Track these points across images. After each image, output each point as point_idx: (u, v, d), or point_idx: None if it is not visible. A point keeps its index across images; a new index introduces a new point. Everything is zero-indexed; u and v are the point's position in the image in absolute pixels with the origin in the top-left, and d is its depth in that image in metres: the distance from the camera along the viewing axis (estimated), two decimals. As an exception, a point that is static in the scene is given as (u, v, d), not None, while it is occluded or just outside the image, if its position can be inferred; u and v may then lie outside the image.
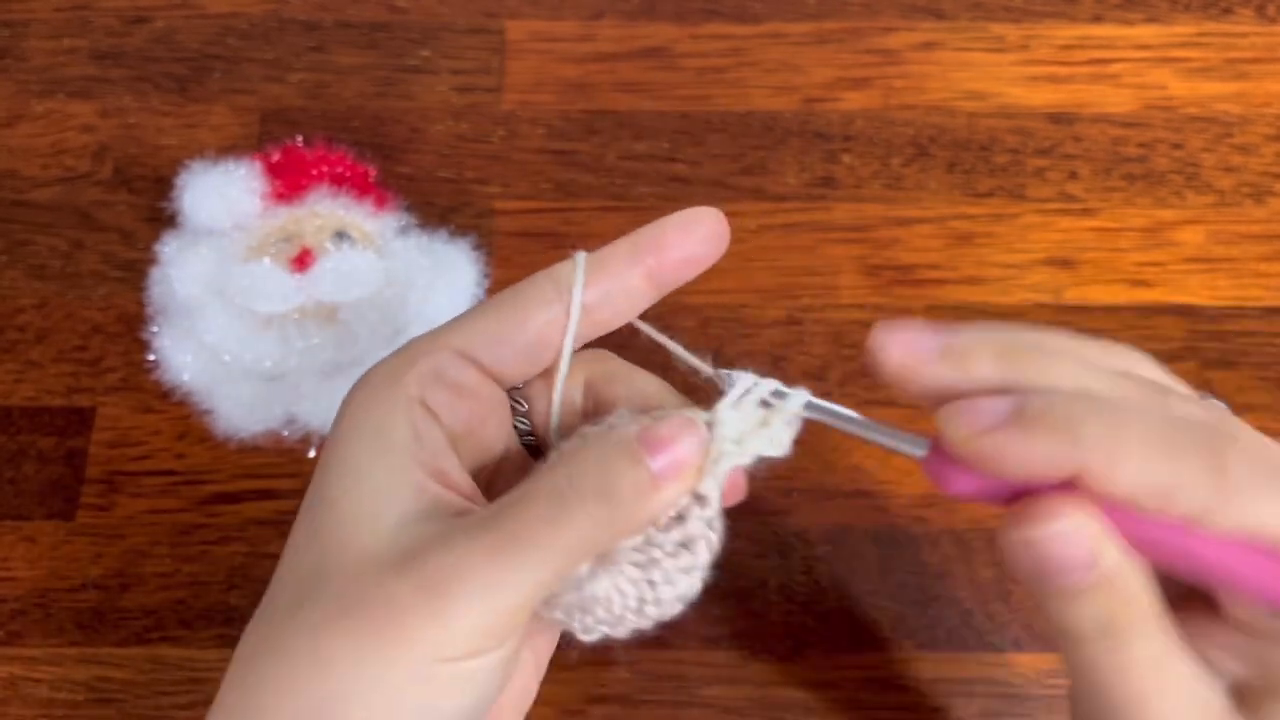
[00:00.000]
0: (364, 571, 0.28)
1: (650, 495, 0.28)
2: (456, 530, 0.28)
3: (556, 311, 0.31)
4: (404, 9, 0.56)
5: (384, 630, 0.27)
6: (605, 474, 0.28)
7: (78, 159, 0.52)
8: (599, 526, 0.28)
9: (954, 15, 0.55)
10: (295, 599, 0.29)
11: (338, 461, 0.30)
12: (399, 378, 0.30)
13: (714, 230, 0.32)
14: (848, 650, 0.44)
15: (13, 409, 0.47)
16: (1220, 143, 0.53)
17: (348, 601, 0.28)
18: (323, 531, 0.29)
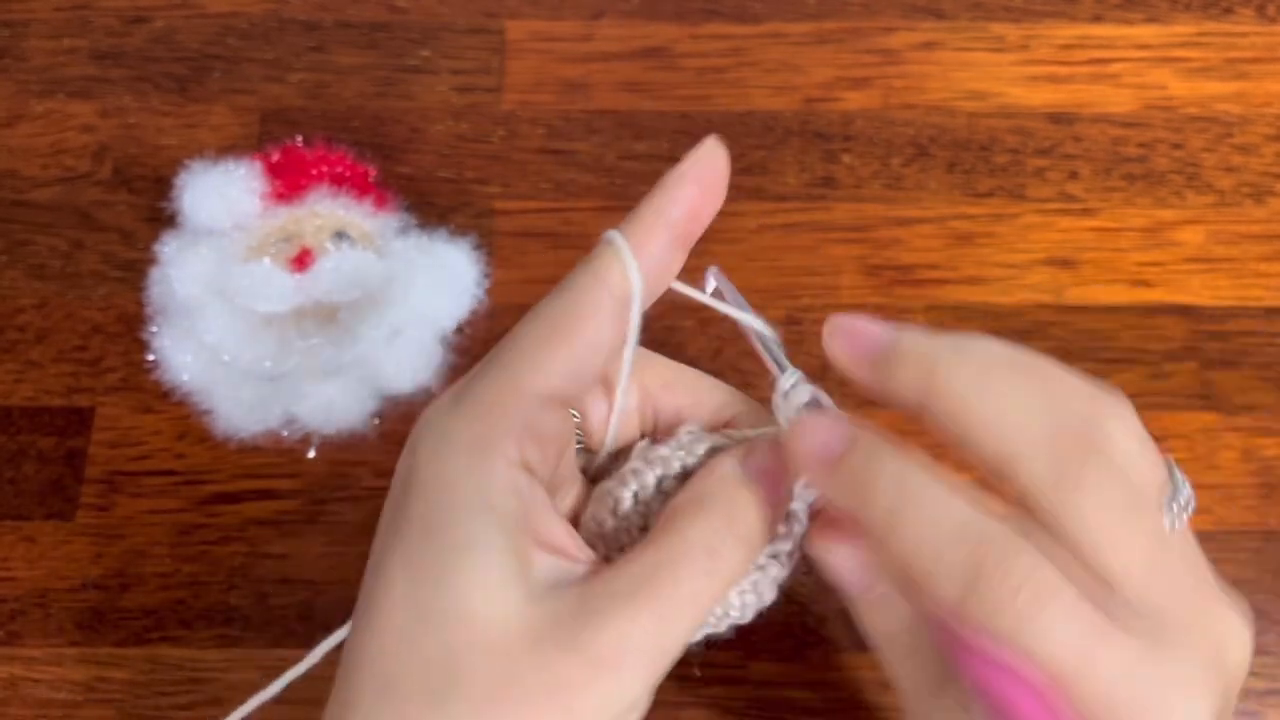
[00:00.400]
0: (518, 652, 0.27)
1: (774, 519, 0.30)
2: (612, 598, 0.27)
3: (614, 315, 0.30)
4: (404, 9, 0.56)
5: (555, 709, 0.27)
6: (742, 521, 0.29)
7: (78, 159, 0.52)
8: (743, 566, 0.30)
9: (954, 15, 0.55)
10: (438, 686, 0.27)
11: (444, 537, 0.28)
12: (494, 441, 0.28)
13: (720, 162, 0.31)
14: (848, 650, 0.44)
15: (12, 409, 0.47)
16: (1220, 143, 0.53)
17: (511, 684, 0.27)
18: (446, 616, 0.27)
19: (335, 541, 0.45)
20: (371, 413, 0.46)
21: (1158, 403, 0.47)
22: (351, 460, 0.46)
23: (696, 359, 0.48)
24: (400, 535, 0.29)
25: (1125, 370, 0.48)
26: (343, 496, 0.46)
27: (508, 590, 0.27)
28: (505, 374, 0.29)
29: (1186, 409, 0.47)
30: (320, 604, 0.44)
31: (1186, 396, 0.48)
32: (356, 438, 0.46)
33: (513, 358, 0.29)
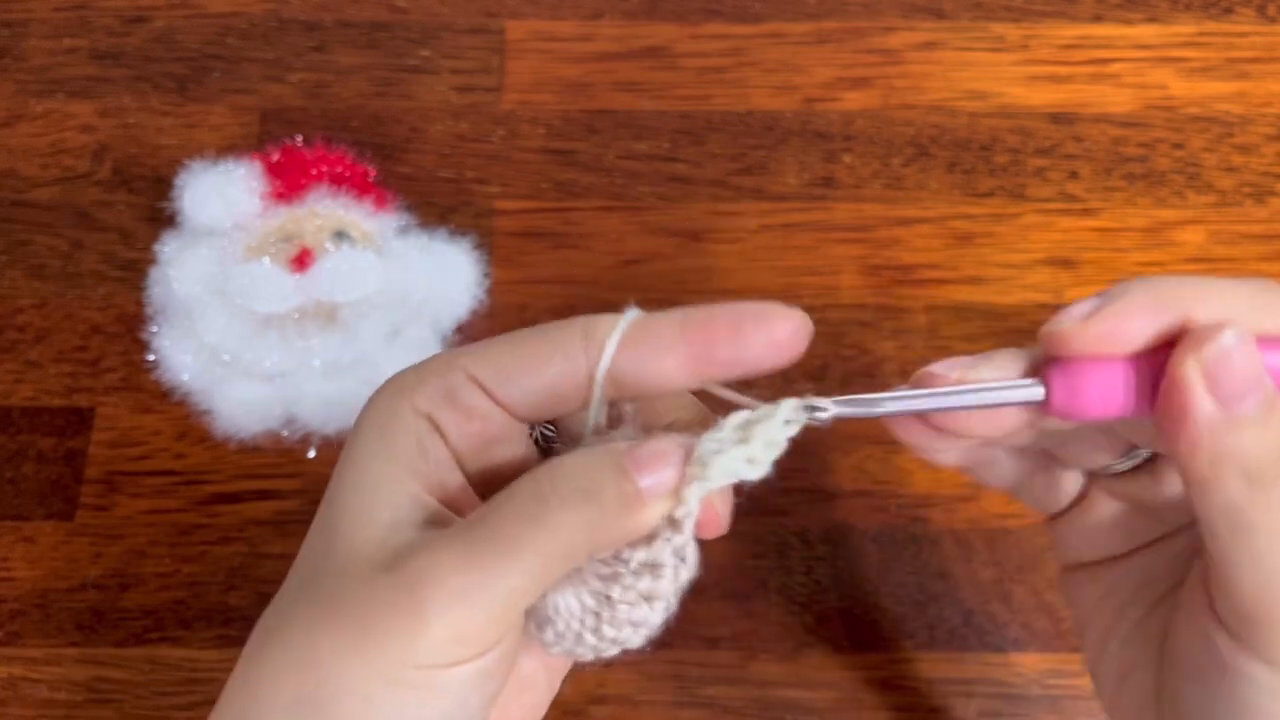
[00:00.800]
0: (356, 570, 0.28)
1: (635, 509, 0.27)
2: (439, 536, 0.27)
3: (577, 366, 0.29)
4: (404, 9, 0.56)
5: (365, 630, 0.27)
6: (590, 478, 0.27)
7: (77, 159, 0.52)
8: (580, 530, 0.27)
9: (954, 15, 0.55)
10: (297, 593, 0.29)
11: (347, 464, 0.30)
12: (411, 391, 0.30)
13: (779, 337, 0.28)
14: (848, 650, 0.44)
15: (12, 409, 0.47)
16: (1221, 143, 0.53)
17: (337, 598, 0.28)
18: (327, 529, 0.29)
19: (335, 541, 0.45)
20: (371, 413, 0.46)
21: (1158, 403, 0.47)
22: (351, 460, 0.46)
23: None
24: (336, 465, 0.31)
25: (1125, 370, 0.48)
26: (343, 496, 0.46)
27: (377, 514, 0.29)
28: (453, 351, 0.31)
29: (1186, 409, 0.47)
30: (320, 604, 0.44)
31: (1186, 396, 0.48)
32: (356, 438, 0.46)
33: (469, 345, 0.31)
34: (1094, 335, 0.28)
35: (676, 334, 0.28)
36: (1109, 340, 0.28)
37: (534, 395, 0.29)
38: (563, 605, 0.29)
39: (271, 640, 0.29)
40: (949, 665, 0.43)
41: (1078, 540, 0.34)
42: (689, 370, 0.29)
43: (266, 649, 0.29)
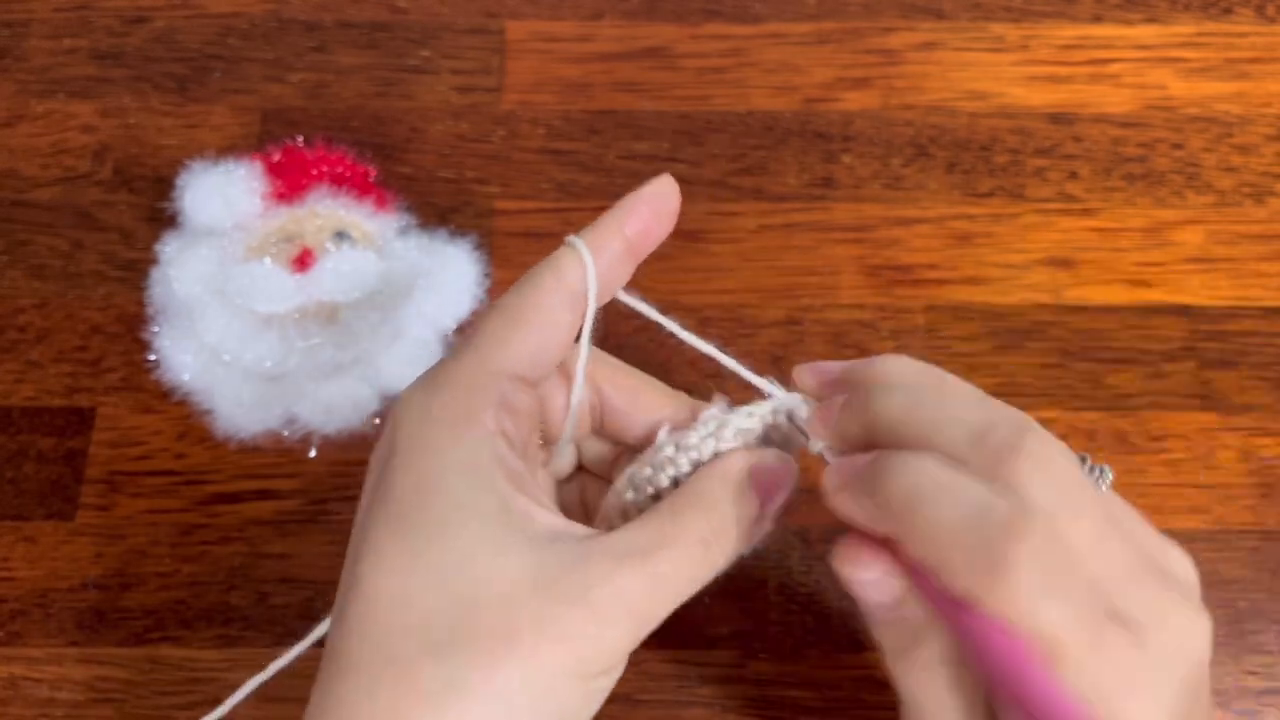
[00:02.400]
0: (522, 600, 0.29)
1: (757, 531, 0.33)
2: (613, 557, 0.30)
3: (574, 304, 0.33)
4: (404, 9, 0.56)
5: (558, 656, 0.29)
6: (740, 524, 0.32)
7: (78, 159, 0.52)
8: (725, 563, 0.32)
9: (954, 15, 0.55)
10: (442, 640, 0.28)
11: (437, 502, 0.30)
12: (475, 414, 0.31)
13: (676, 200, 0.34)
14: (848, 650, 0.44)
15: (13, 409, 0.47)
16: (1220, 143, 0.53)
17: (516, 632, 0.28)
18: (446, 571, 0.29)
19: (335, 541, 0.45)
20: (371, 413, 0.46)
21: (1156, 402, 0.47)
22: (352, 460, 0.46)
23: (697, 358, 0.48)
24: (386, 508, 0.30)
25: (1124, 370, 0.48)
26: (343, 496, 0.46)
27: (507, 543, 0.29)
28: (478, 355, 0.32)
29: (1185, 409, 0.47)
30: (321, 604, 0.44)
31: (1185, 396, 0.48)
32: (356, 438, 0.46)
33: (483, 341, 0.32)
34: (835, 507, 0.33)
35: (623, 239, 0.33)
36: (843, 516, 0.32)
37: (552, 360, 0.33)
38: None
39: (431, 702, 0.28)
40: (948, 665, 0.43)
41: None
42: (633, 262, 0.34)
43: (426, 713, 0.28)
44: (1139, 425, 0.47)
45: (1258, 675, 0.43)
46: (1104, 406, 0.47)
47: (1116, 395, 0.48)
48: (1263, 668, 0.43)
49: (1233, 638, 0.44)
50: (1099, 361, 0.48)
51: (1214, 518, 0.46)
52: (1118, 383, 0.48)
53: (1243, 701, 0.43)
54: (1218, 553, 0.45)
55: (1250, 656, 0.44)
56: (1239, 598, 0.44)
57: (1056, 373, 0.48)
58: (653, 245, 0.34)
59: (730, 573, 0.34)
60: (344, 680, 0.29)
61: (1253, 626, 0.44)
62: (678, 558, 0.30)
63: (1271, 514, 0.46)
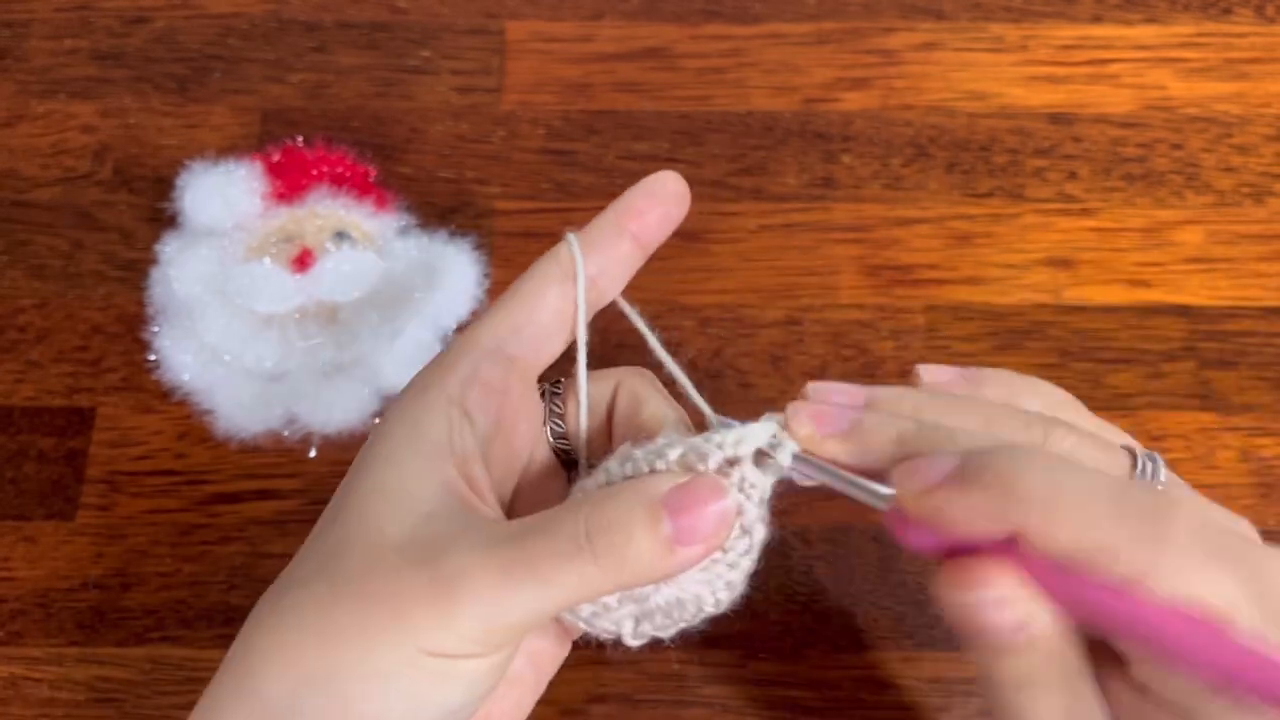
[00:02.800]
0: (383, 556, 0.29)
1: (666, 559, 0.29)
2: (477, 538, 0.29)
3: (566, 288, 0.33)
4: (404, 9, 0.56)
5: (390, 615, 0.28)
6: (624, 534, 0.29)
7: (78, 159, 0.52)
8: (607, 579, 0.29)
9: (954, 15, 0.55)
10: (312, 573, 0.30)
11: (374, 452, 0.32)
12: (440, 379, 0.32)
13: (679, 189, 0.34)
14: (848, 650, 0.44)
15: (13, 409, 0.47)
16: (1220, 143, 0.53)
17: (362, 581, 0.29)
18: (349, 514, 0.31)
19: (336, 541, 0.45)
20: (371, 413, 0.46)
21: (1156, 402, 0.48)
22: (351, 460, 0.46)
23: (697, 358, 0.48)
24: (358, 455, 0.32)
25: (1123, 370, 0.48)
26: (343, 496, 0.46)
27: (407, 504, 0.30)
28: (465, 332, 0.33)
29: (1184, 409, 0.47)
30: (321, 604, 0.44)
31: (1184, 396, 0.48)
32: (357, 438, 0.46)
33: (475, 323, 0.34)
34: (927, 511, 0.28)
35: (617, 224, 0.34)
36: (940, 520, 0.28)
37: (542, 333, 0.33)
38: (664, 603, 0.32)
39: (280, 621, 0.30)
40: (949, 664, 0.43)
41: None
42: (641, 254, 0.34)
43: (272, 629, 0.30)
44: (1139, 425, 0.47)
45: (1257, 675, 0.43)
46: (1104, 406, 0.47)
47: (1116, 395, 0.48)
48: (1262, 667, 0.43)
49: (1232, 637, 0.44)
50: (1099, 361, 0.48)
51: (1214, 517, 0.46)
52: (1117, 383, 0.48)
53: (1242, 701, 0.43)
54: (1217, 552, 0.45)
55: (1250, 656, 0.43)
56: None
57: (1056, 373, 0.48)
58: (660, 234, 0.34)
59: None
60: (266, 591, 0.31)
61: (1252, 626, 0.44)
62: (538, 550, 0.29)
63: (1271, 514, 0.46)
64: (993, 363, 0.48)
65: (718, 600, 0.32)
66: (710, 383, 0.47)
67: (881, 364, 0.48)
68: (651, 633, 0.32)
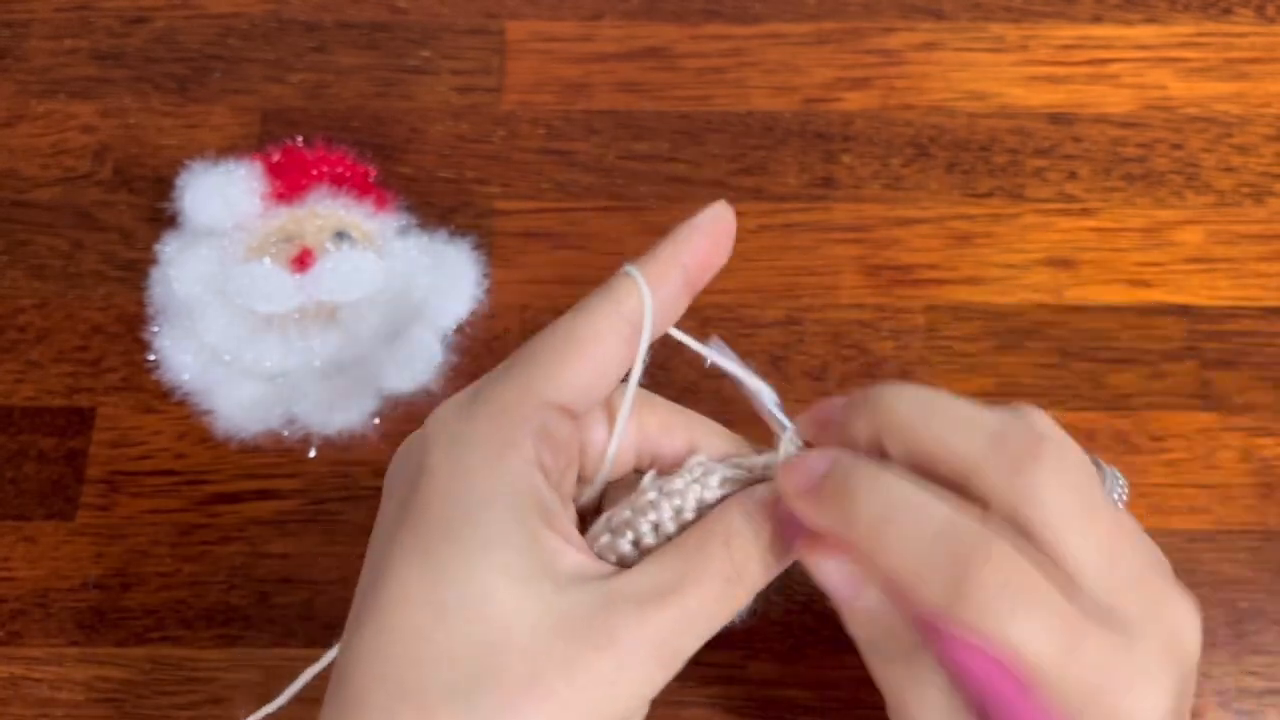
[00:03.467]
0: (548, 646, 0.28)
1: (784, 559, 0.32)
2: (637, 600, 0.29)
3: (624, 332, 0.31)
4: (404, 9, 0.56)
5: (585, 705, 0.28)
6: (762, 558, 0.31)
7: (78, 159, 0.52)
8: (749, 598, 0.31)
9: (954, 15, 0.55)
10: (463, 684, 0.27)
11: (467, 532, 0.28)
12: (513, 442, 0.29)
13: (731, 226, 0.34)
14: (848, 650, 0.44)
15: (13, 409, 0.47)
16: (1220, 143, 0.53)
17: (541, 679, 0.27)
18: (470, 609, 0.28)
19: (336, 541, 0.45)
20: (371, 413, 0.46)
21: (1156, 403, 0.47)
22: (352, 460, 0.46)
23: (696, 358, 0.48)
24: (413, 533, 0.29)
25: (1124, 370, 0.48)
26: (343, 496, 0.46)
27: (534, 584, 0.28)
28: (521, 380, 0.30)
29: (1185, 409, 0.47)
30: (321, 604, 0.44)
31: (1185, 396, 0.48)
32: (356, 438, 0.46)
33: (528, 366, 0.30)
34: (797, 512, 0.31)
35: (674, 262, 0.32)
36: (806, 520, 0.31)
37: (601, 393, 0.32)
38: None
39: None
40: (948, 665, 0.43)
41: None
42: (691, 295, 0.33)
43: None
44: (1139, 425, 0.47)
45: (1258, 675, 0.43)
46: (1104, 407, 0.47)
47: (1117, 395, 0.48)
48: (1263, 668, 0.43)
49: (1233, 638, 0.44)
50: (1099, 361, 0.48)
51: (1214, 518, 0.46)
52: (1118, 383, 0.48)
53: (1243, 701, 0.43)
54: (1218, 553, 0.45)
55: (1251, 657, 0.44)
56: (1240, 598, 0.44)
57: (1056, 373, 0.48)
58: (710, 275, 0.33)
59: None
60: (356, 714, 0.28)
61: (1253, 626, 0.44)
62: (703, 595, 0.30)
63: (1272, 514, 0.46)
64: (994, 363, 0.48)
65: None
66: (710, 383, 0.47)
67: (882, 364, 0.48)
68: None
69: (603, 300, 0.31)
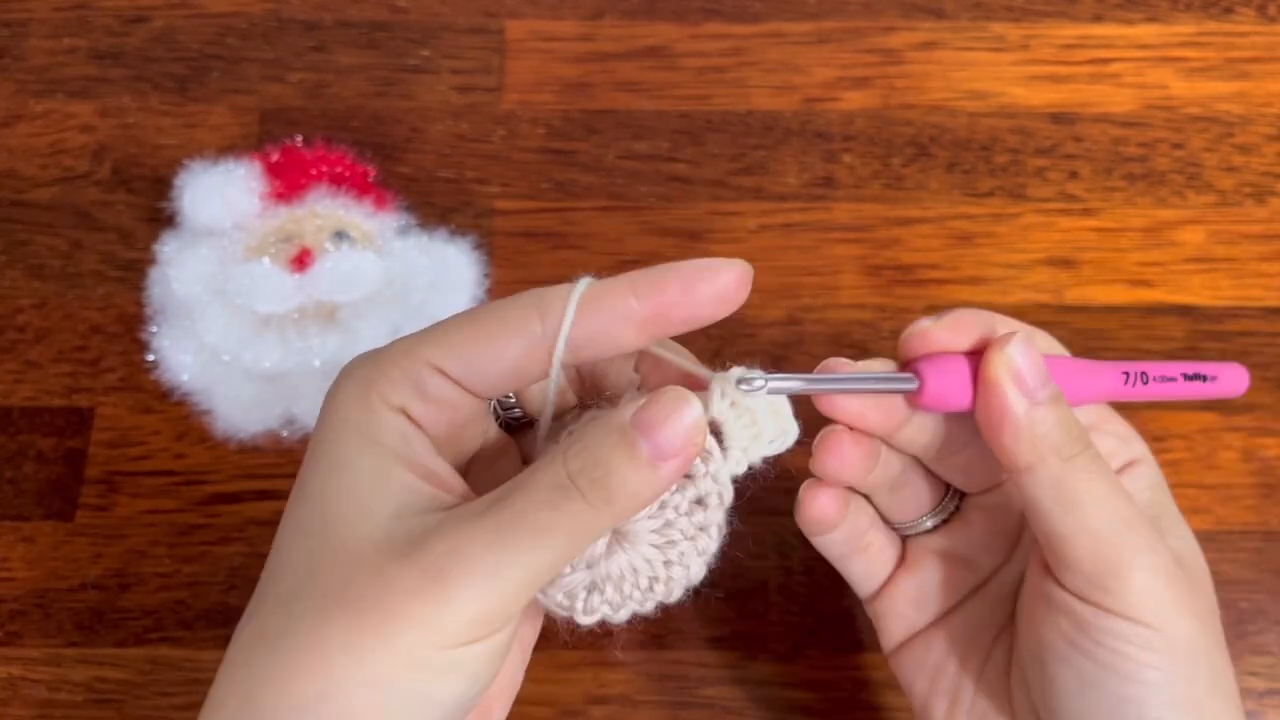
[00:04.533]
0: (362, 560, 0.28)
1: (651, 479, 0.29)
2: (457, 517, 0.28)
3: (536, 342, 0.30)
4: (404, 9, 0.56)
5: (384, 618, 0.27)
6: (605, 464, 0.28)
7: (77, 159, 0.52)
8: (600, 514, 0.28)
9: (954, 15, 0.55)
10: (289, 592, 0.29)
11: (327, 459, 0.30)
12: (379, 384, 0.30)
13: (724, 289, 0.31)
14: (848, 650, 0.44)
15: (12, 409, 0.47)
16: (1221, 142, 0.53)
17: (347, 590, 0.28)
18: (314, 525, 0.29)
19: (335, 542, 0.45)
20: (371, 413, 0.46)
21: (1158, 403, 0.47)
22: (351, 460, 0.46)
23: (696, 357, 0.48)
24: (305, 462, 0.31)
25: (1125, 370, 0.48)
26: (342, 497, 0.46)
27: (374, 505, 0.29)
28: (411, 340, 0.31)
29: (1186, 409, 0.47)
30: (320, 604, 0.44)
31: (1187, 396, 0.48)
32: (356, 438, 0.46)
33: (427, 331, 0.31)
34: (937, 336, 0.34)
35: (630, 301, 0.30)
36: (949, 340, 0.34)
37: (496, 376, 0.30)
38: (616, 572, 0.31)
39: (263, 646, 0.28)
40: (949, 665, 0.43)
41: (905, 607, 0.37)
42: (643, 333, 0.30)
43: (258, 657, 0.28)
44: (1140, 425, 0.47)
45: (1259, 676, 0.43)
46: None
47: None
48: (1265, 668, 0.43)
49: (1234, 638, 0.44)
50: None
51: (1216, 518, 0.46)
52: (1118, 383, 0.48)
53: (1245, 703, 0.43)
54: (1219, 553, 0.45)
55: (1252, 657, 0.43)
56: (1241, 598, 0.44)
57: (1057, 373, 0.48)
58: (679, 325, 0.31)
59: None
60: (241, 622, 0.30)
61: (1254, 627, 0.44)
62: (526, 501, 0.28)
63: (1273, 514, 0.46)
64: (993, 363, 0.48)
65: (670, 575, 0.31)
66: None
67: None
68: (604, 610, 0.31)
69: (530, 296, 0.31)
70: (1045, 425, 0.32)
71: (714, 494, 0.31)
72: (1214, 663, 0.32)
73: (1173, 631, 0.31)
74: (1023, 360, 0.32)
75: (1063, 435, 0.32)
